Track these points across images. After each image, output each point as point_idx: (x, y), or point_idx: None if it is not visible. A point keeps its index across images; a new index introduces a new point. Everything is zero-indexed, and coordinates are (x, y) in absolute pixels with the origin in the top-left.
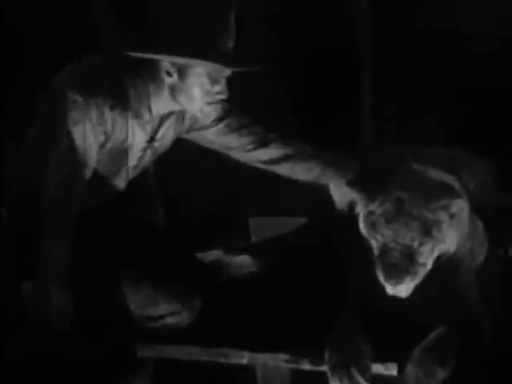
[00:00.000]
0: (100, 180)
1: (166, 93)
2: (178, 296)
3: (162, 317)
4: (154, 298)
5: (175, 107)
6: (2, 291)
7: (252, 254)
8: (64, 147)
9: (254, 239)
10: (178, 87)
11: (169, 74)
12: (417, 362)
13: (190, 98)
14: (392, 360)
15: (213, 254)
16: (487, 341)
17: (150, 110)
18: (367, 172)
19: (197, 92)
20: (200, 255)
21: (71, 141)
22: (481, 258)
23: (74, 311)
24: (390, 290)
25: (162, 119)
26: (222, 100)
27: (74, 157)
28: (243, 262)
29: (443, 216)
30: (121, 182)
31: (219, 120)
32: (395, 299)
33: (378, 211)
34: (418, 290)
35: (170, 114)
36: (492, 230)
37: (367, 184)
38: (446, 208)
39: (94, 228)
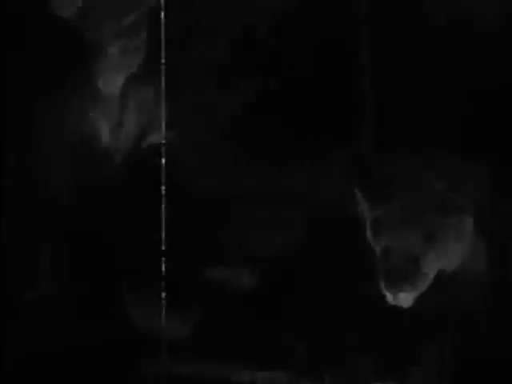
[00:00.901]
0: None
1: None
2: (176, 308)
3: (158, 327)
4: (152, 309)
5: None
6: (2, 292)
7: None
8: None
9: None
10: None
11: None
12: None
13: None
14: (393, 379)
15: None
16: (487, 348)
17: (95, 85)
18: (371, 176)
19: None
20: (200, 268)
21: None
22: (479, 265)
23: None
24: (391, 298)
25: (122, 105)
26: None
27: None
28: (243, 274)
29: (450, 229)
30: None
31: None
32: (394, 310)
33: (383, 216)
34: (419, 302)
35: (126, 94)
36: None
37: (372, 188)
38: (454, 221)
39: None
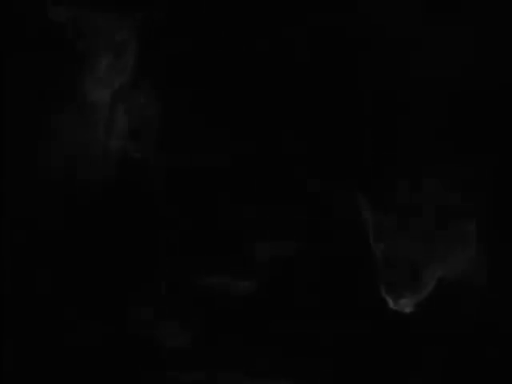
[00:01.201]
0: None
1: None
2: (177, 317)
3: (160, 337)
4: (151, 316)
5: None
6: (3, 290)
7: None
8: None
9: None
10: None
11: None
12: None
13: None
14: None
15: (213, 276)
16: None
17: (83, 94)
18: (375, 179)
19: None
20: (200, 277)
21: None
22: (481, 270)
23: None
24: (391, 304)
25: (111, 111)
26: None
27: None
28: (243, 279)
29: (452, 233)
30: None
31: None
32: (395, 317)
33: (386, 220)
34: (421, 309)
35: (115, 106)
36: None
37: (375, 191)
38: (456, 225)
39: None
